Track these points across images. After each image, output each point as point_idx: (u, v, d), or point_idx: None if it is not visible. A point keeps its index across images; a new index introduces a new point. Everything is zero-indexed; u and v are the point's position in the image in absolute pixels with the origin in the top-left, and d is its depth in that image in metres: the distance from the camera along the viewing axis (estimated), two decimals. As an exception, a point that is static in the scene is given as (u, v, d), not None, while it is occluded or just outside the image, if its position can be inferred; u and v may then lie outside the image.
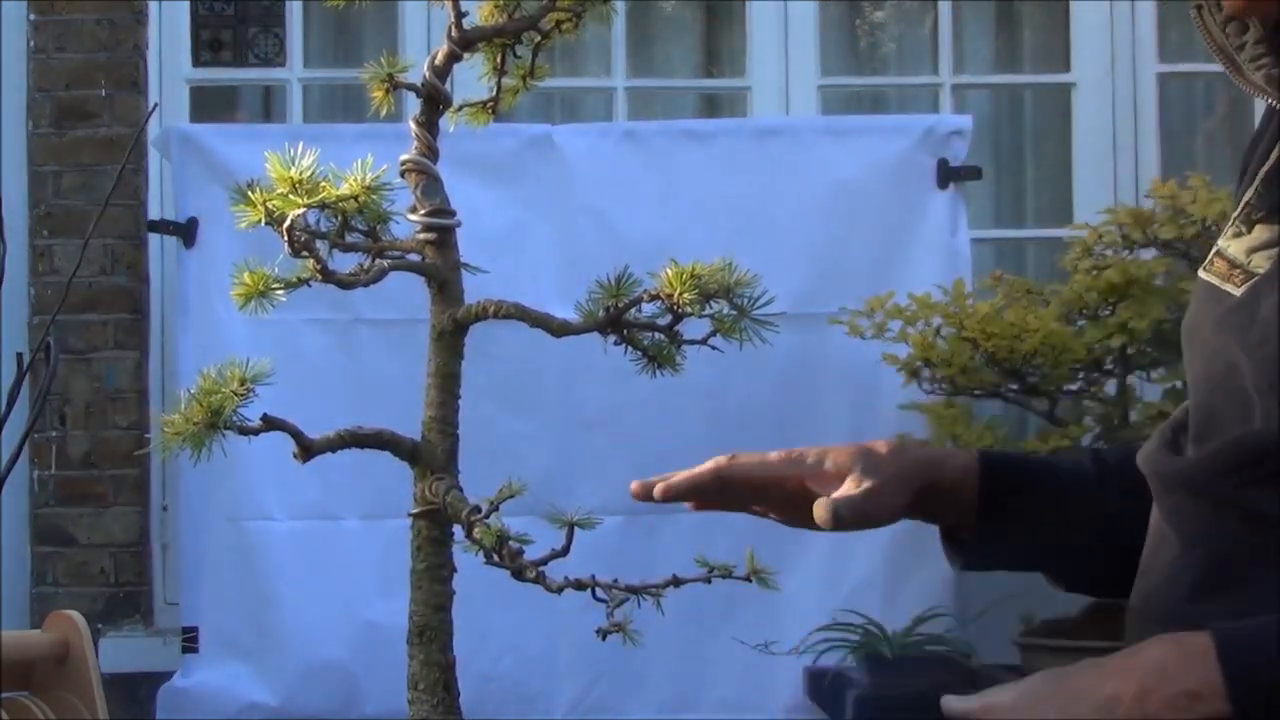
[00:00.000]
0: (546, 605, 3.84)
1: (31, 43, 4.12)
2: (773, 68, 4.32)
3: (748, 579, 1.25)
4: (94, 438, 4.04)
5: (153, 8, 4.21)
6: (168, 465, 4.06)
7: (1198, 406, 1.32)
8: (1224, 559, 1.26)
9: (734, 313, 1.26)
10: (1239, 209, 1.32)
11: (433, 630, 1.33)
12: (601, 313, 1.27)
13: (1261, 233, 1.28)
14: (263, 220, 1.26)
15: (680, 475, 1.43)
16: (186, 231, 3.86)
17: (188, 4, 4.31)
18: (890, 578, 3.72)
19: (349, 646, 3.70)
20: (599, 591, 1.25)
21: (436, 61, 1.38)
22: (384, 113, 1.39)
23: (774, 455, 1.49)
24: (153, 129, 4.00)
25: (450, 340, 1.34)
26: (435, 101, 1.36)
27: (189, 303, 3.86)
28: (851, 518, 1.39)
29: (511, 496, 1.24)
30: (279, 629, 3.80)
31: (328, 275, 1.29)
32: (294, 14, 4.36)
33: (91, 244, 3.98)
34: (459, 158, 3.72)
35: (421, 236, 1.34)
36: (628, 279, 1.27)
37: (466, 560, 1.33)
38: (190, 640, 3.81)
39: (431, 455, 1.34)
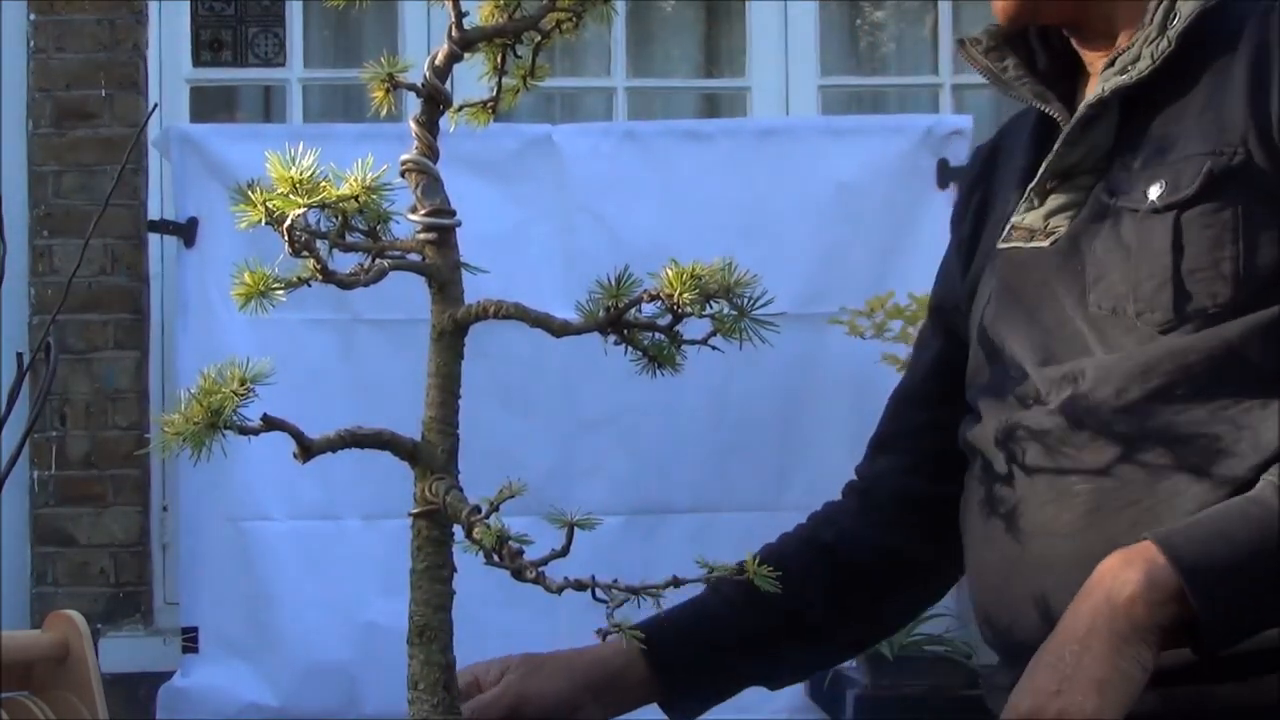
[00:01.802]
0: (546, 606, 3.83)
1: (31, 43, 4.12)
2: (773, 68, 4.31)
3: (749, 579, 1.25)
4: (94, 438, 4.04)
5: (153, 8, 4.21)
6: (168, 465, 4.06)
7: (1039, 359, 1.48)
8: (1118, 487, 1.40)
9: (734, 313, 1.25)
10: (1031, 185, 1.52)
11: (433, 630, 1.33)
12: (602, 313, 1.27)
13: (1055, 200, 1.50)
14: (263, 220, 1.26)
15: None
16: (186, 231, 3.86)
17: (188, 4, 4.31)
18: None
19: (349, 646, 3.70)
20: (599, 592, 1.25)
21: (437, 62, 1.38)
22: (384, 113, 1.39)
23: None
24: (153, 129, 4.00)
25: (450, 340, 1.34)
26: (435, 101, 1.36)
27: (189, 303, 3.86)
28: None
29: (511, 497, 1.23)
30: (279, 629, 3.80)
31: (328, 275, 1.29)
32: (294, 14, 4.36)
33: (91, 244, 3.98)
34: (459, 158, 3.72)
35: (422, 236, 1.34)
36: (628, 279, 1.26)
37: (466, 561, 1.33)
38: (190, 640, 3.81)
39: (431, 455, 1.34)
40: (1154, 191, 1.41)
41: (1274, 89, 1.39)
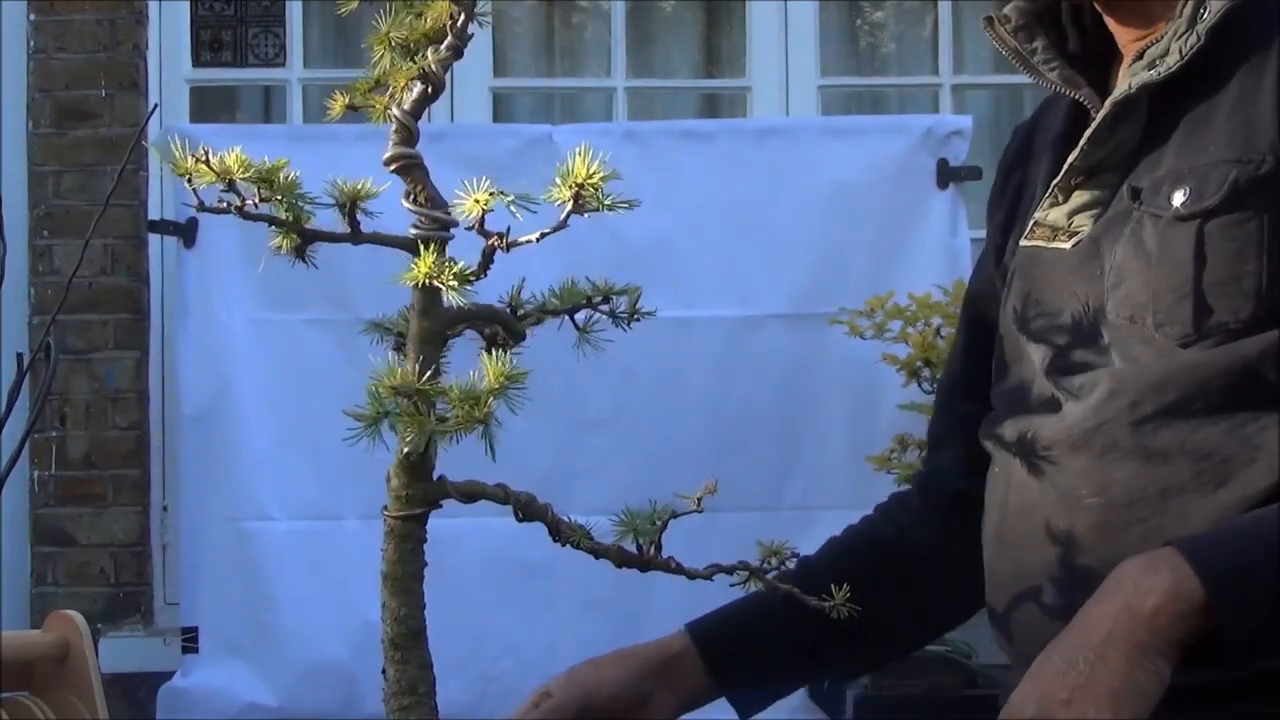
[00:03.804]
0: (546, 605, 3.87)
1: (31, 43, 4.12)
2: (773, 68, 4.31)
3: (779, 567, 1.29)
4: (94, 438, 4.04)
5: (153, 8, 4.21)
6: (168, 465, 4.06)
7: (1057, 365, 1.45)
8: (1128, 503, 1.36)
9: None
10: (1056, 180, 1.48)
11: (415, 634, 1.32)
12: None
13: (1079, 197, 1.45)
14: (215, 181, 1.27)
15: None
16: (186, 231, 3.86)
17: (188, 4, 4.31)
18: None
19: (349, 646, 3.70)
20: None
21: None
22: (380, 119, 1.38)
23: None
24: (153, 129, 4.00)
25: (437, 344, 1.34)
26: (426, 95, 1.35)
27: (189, 303, 3.86)
28: None
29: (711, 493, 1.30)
30: (279, 629, 3.80)
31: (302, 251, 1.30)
32: (294, 14, 4.36)
33: (91, 244, 3.98)
34: (459, 157, 3.73)
35: (414, 231, 1.34)
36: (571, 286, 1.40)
37: (466, 561, 1.33)
38: (190, 640, 3.81)
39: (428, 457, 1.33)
40: (1178, 198, 1.35)
41: None
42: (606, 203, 1.29)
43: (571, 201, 1.30)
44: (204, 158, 1.28)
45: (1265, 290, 1.31)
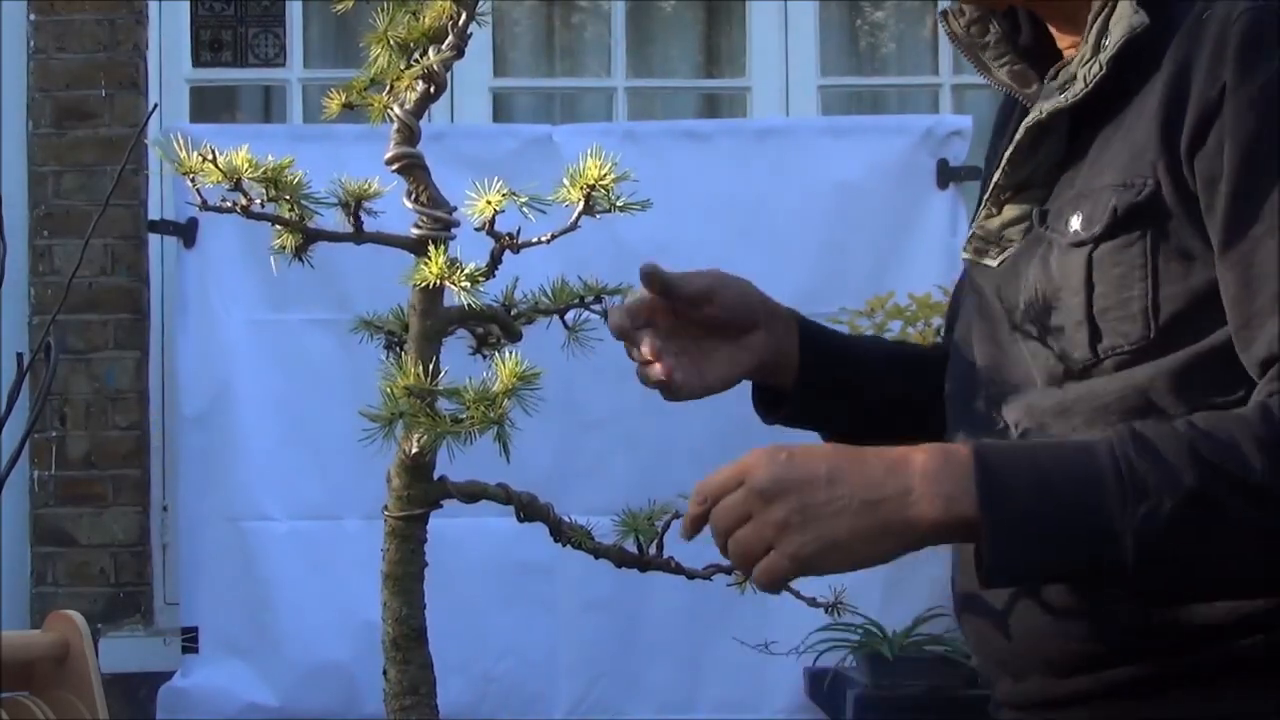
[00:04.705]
0: (546, 606, 3.86)
1: (31, 43, 4.12)
2: (773, 68, 4.31)
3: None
4: (94, 438, 4.04)
5: (153, 8, 4.21)
6: (168, 465, 4.06)
7: (992, 384, 1.44)
8: None
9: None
10: (989, 191, 1.46)
11: (416, 633, 1.32)
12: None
13: (1011, 211, 1.44)
14: (220, 180, 1.27)
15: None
16: (186, 231, 3.87)
17: (188, 4, 4.31)
18: (890, 578, 3.71)
19: (349, 647, 3.70)
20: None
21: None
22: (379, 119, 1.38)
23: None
24: (153, 129, 4.00)
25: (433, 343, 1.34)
26: (429, 95, 1.35)
27: (189, 303, 3.87)
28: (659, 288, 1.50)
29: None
30: (279, 629, 3.80)
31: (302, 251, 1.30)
32: (294, 14, 4.36)
33: (91, 244, 3.98)
34: (459, 158, 3.73)
35: (416, 231, 1.34)
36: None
37: (466, 562, 1.33)
38: (190, 640, 3.82)
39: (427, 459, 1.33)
40: (1075, 222, 1.34)
41: (1188, 115, 1.28)
42: (618, 204, 1.29)
43: (583, 203, 1.30)
44: (210, 156, 1.28)
45: (1151, 314, 1.30)
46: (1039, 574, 1.26)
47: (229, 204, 1.31)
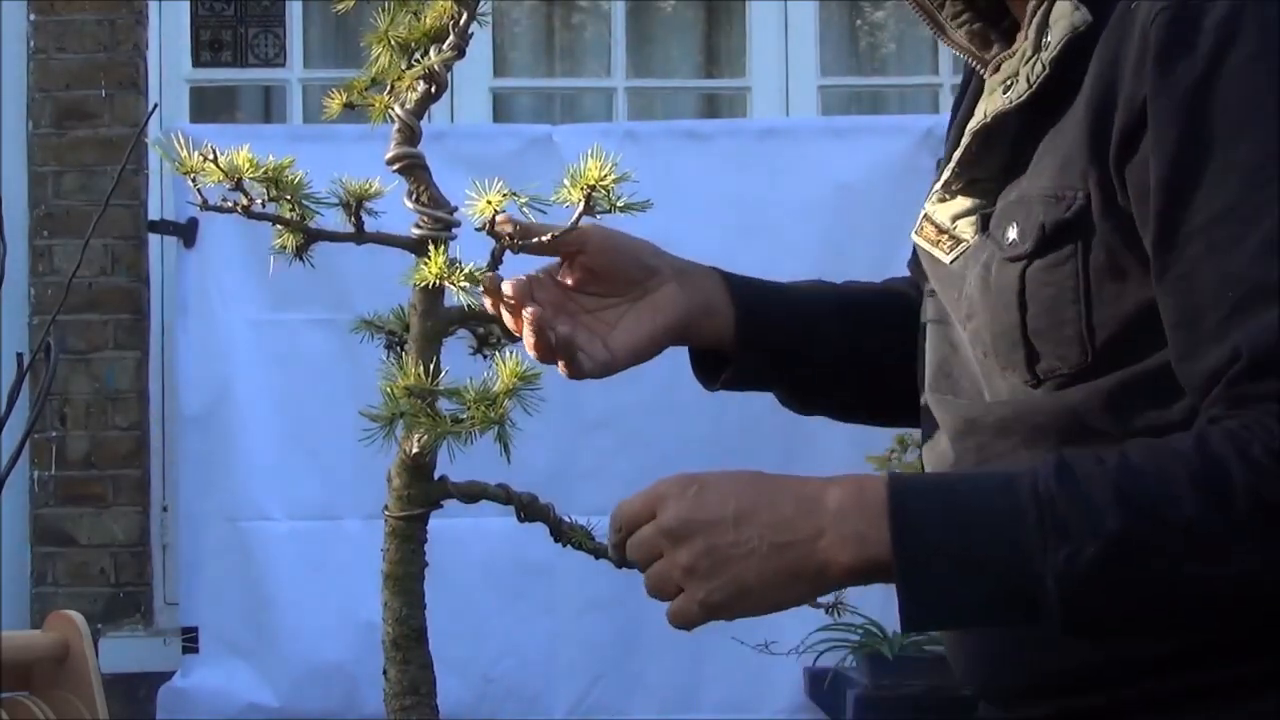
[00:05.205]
0: (546, 606, 3.86)
1: (31, 43, 4.12)
2: (773, 68, 4.32)
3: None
4: (94, 438, 4.04)
5: (153, 8, 4.21)
6: (168, 465, 4.06)
7: (943, 381, 1.36)
8: None
9: None
10: (941, 180, 1.36)
11: (416, 633, 1.32)
12: None
13: (962, 202, 1.33)
14: (221, 180, 1.27)
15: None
16: (186, 231, 3.87)
17: (188, 4, 4.31)
18: (890, 578, 3.72)
19: (349, 647, 3.70)
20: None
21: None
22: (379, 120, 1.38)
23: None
24: (153, 129, 4.00)
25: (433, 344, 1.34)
26: (430, 95, 1.35)
27: (189, 303, 3.87)
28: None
29: None
30: (279, 629, 3.80)
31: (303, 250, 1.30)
32: (294, 14, 4.36)
33: (91, 244, 3.98)
34: (459, 158, 3.73)
35: (417, 232, 1.34)
36: None
37: (467, 562, 1.33)
38: (190, 640, 3.82)
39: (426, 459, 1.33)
40: (1012, 233, 1.24)
41: (1116, 122, 1.18)
42: (619, 205, 1.28)
43: (583, 203, 1.29)
44: (211, 156, 1.28)
45: (1088, 338, 1.21)
46: (958, 618, 1.20)
47: (229, 204, 1.31)
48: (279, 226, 1.32)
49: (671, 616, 1.22)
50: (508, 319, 1.34)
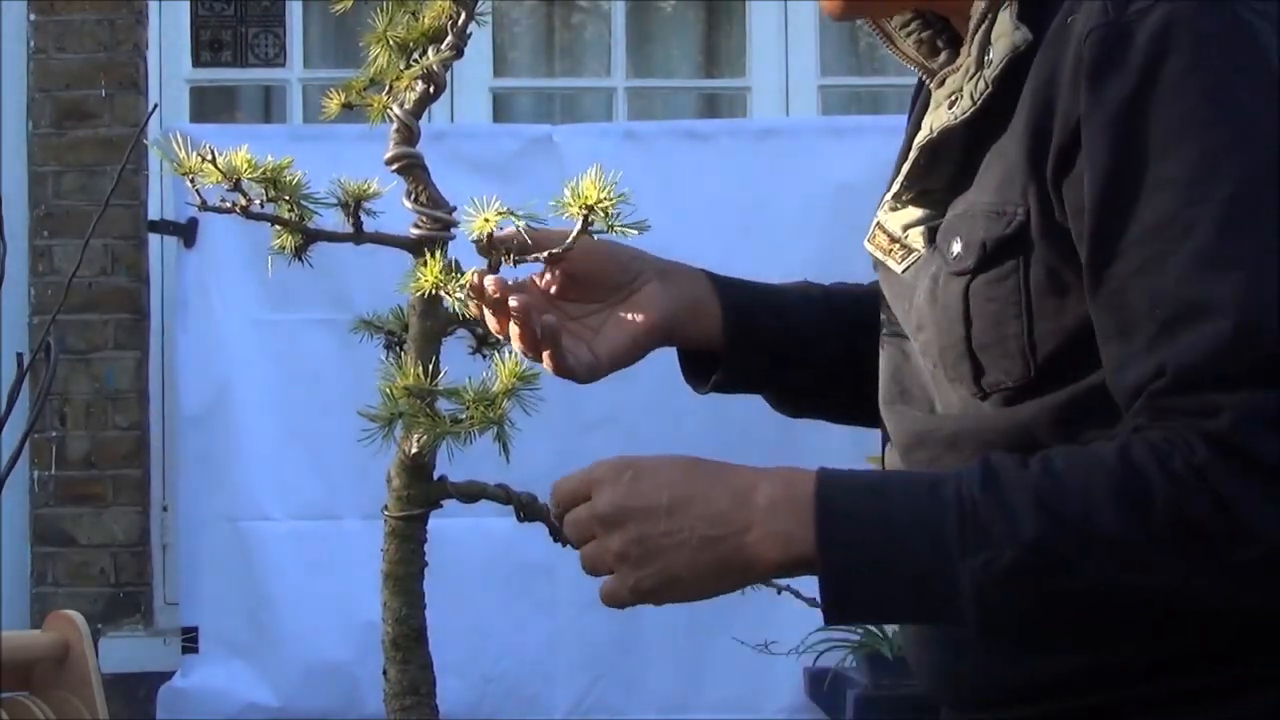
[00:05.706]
0: (546, 606, 3.86)
1: (31, 43, 4.12)
2: (773, 68, 4.32)
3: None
4: (94, 438, 4.04)
5: (153, 8, 4.21)
6: (168, 465, 4.06)
7: (886, 370, 1.37)
8: None
9: None
10: (888, 193, 1.36)
11: (416, 633, 1.33)
12: None
13: (913, 212, 1.33)
14: (220, 180, 1.28)
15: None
16: (186, 231, 3.87)
17: (188, 4, 4.32)
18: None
19: (349, 647, 3.70)
20: None
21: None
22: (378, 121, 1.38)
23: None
24: (153, 129, 4.00)
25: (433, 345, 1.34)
26: (428, 95, 1.35)
27: (189, 303, 3.87)
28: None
29: None
30: (279, 629, 3.80)
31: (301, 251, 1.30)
32: (294, 14, 4.37)
33: (91, 244, 3.98)
34: (459, 158, 3.73)
35: (416, 232, 1.34)
36: None
37: (466, 562, 1.33)
38: (190, 640, 3.82)
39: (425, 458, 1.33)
40: (956, 246, 1.24)
41: (1054, 138, 1.17)
42: (616, 227, 1.28)
43: (580, 223, 1.29)
44: (210, 157, 1.28)
45: (1029, 352, 1.21)
46: (878, 614, 1.23)
47: (229, 204, 1.31)
48: (278, 227, 1.32)
49: (603, 596, 1.24)
50: (490, 320, 1.33)
